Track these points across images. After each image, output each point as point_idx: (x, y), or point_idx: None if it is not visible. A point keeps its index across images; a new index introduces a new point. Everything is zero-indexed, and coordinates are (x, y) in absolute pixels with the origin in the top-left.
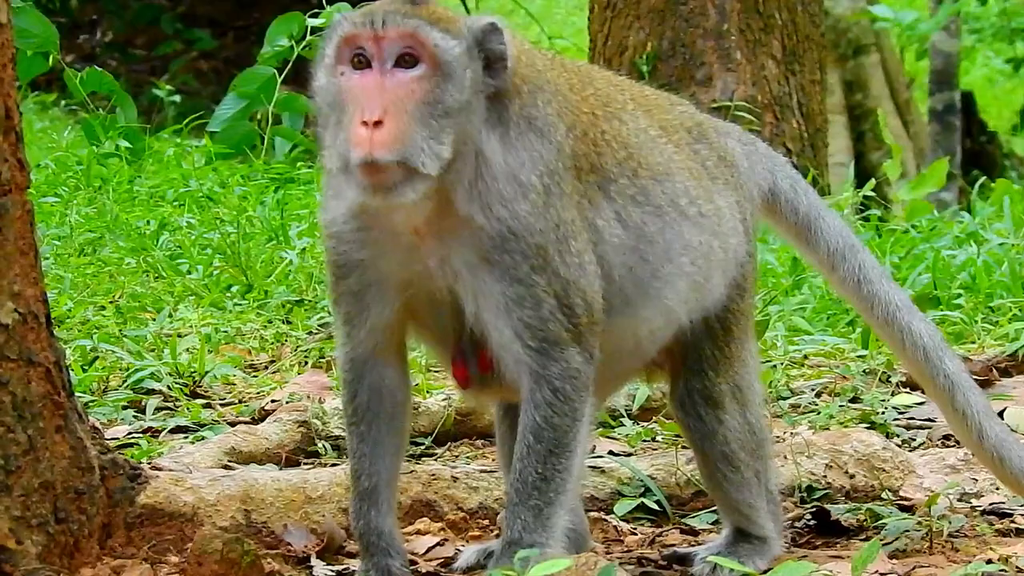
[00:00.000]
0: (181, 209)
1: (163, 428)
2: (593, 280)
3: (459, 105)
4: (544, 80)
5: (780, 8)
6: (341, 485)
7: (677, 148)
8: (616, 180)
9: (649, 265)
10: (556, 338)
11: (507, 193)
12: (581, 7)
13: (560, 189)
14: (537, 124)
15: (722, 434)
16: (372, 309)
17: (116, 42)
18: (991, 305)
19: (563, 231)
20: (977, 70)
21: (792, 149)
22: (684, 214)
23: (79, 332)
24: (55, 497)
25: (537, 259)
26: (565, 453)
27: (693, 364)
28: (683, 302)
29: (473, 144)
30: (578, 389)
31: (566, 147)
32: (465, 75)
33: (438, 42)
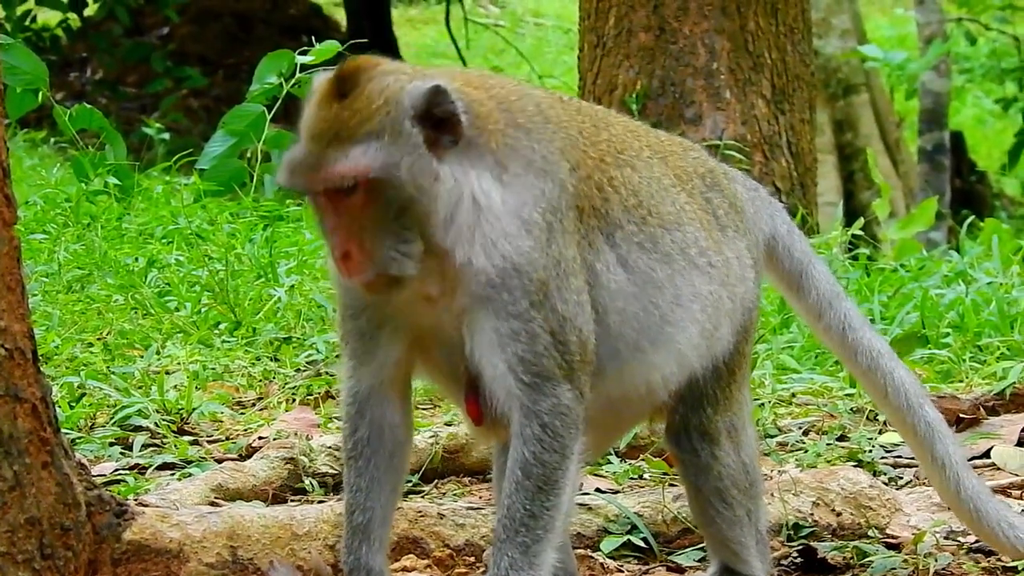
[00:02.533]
0: (170, 246)
1: (150, 465)
2: (589, 320)
3: (411, 194)
4: (546, 121)
5: (770, 47)
6: (328, 522)
7: (690, 197)
8: (622, 227)
9: (658, 310)
10: (549, 374)
11: (510, 230)
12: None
13: (562, 226)
14: (537, 164)
15: (716, 470)
16: (380, 347)
17: (106, 80)
18: (979, 344)
19: (564, 268)
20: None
21: (781, 188)
22: (694, 263)
23: (67, 369)
24: (41, 533)
25: (538, 294)
26: (554, 490)
27: (692, 401)
28: (694, 348)
29: (464, 196)
30: (567, 426)
31: (569, 186)
32: (398, 166)
33: (358, 164)
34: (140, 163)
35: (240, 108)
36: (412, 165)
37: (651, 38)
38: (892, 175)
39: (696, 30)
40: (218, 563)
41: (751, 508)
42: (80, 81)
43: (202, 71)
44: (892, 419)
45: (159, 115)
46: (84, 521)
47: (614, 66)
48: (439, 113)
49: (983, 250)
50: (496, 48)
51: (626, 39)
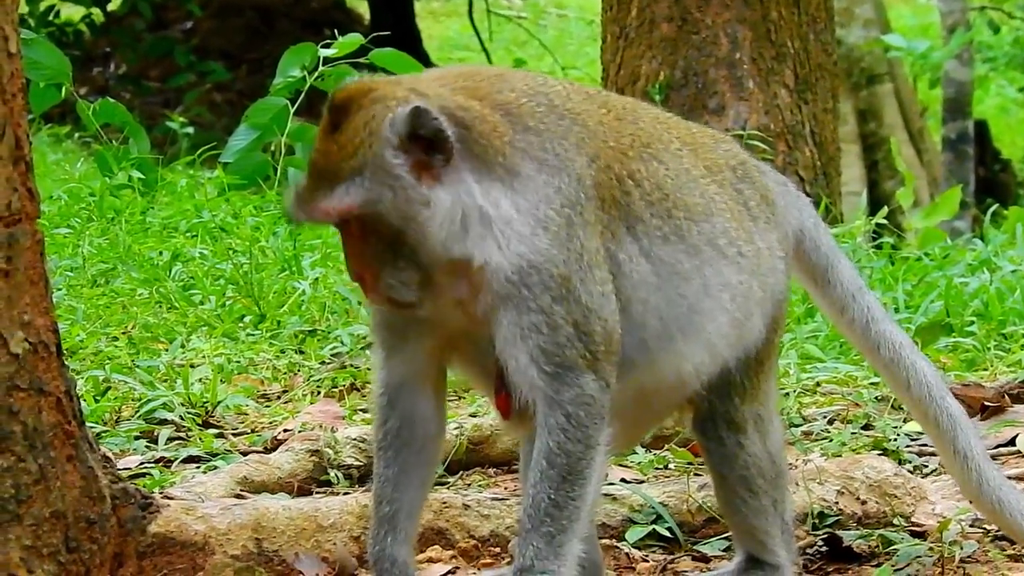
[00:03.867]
0: (194, 240)
1: (175, 458)
2: (615, 310)
3: (399, 226)
4: (560, 117)
5: (792, 37)
6: (352, 513)
7: (721, 188)
8: (644, 220)
9: (686, 301)
10: (571, 364)
11: (524, 231)
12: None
13: (583, 218)
14: (550, 162)
15: (742, 459)
16: (411, 338)
17: (130, 74)
18: (1004, 332)
19: (587, 260)
20: (991, 99)
21: (805, 178)
22: (723, 254)
23: (91, 363)
24: (66, 526)
25: (560, 289)
26: (579, 480)
27: (721, 390)
28: (724, 337)
29: (471, 210)
30: (592, 416)
31: (587, 178)
32: (385, 197)
33: (342, 202)
34: (164, 157)
35: (263, 102)
36: (395, 198)
37: (673, 29)
38: (916, 164)
39: (718, 20)
40: (243, 555)
41: (777, 498)
42: (103, 76)
43: (225, 65)
44: (914, 411)
45: (182, 109)
46: (109, 514)
47: (637, 57)
48: (426, 134)
49: (1007, 238)
50: (519, 40)
51: (648, 30)
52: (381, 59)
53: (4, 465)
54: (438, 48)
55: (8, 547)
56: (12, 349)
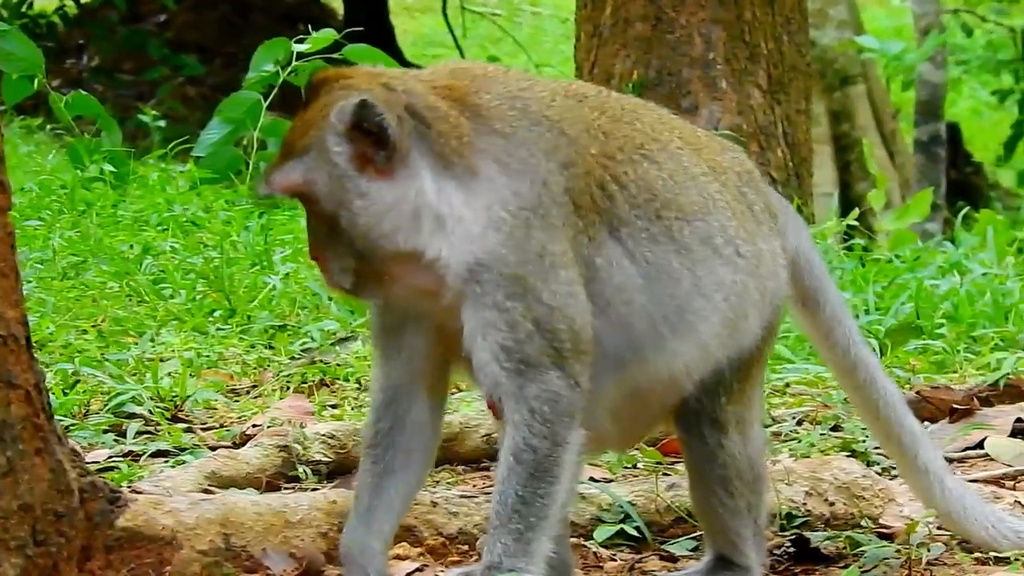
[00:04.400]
0: (165, 234)
1: (144, 452)
2: (583, 310)
3: (334, 210)
4: (533, 124)
5: (766, 38)
6: (321, 510)
7: (723, 187)
8: (628, 223)
9: (675, 300)
10: (534, 361)
11: (475, 230)
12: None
13: (544, 222)
14: (512, 167)
15: (722, 458)
16: (406, 341)
17: (103, 67)
18: (973, 335)
19: (548, 261)
20: (963, 101)
21: (777, 178)
22: (718, 253)
23: (61, 355)
24: (34, 519)
25: (514, 287)
26: (547, 477)
27: (709, 388)
28: (716, 336)
29: (423, 207)
30: (558, 413)
31: (555, 184)
32: (321, 180)
33: (287, 178)
34: (136, 150)
35: (236, 96)
36: (330, 183)
37: (648, 28)
38: (888, 166)
39: (693, 20)
40: (211, 550)
41: (752, 502)
42: (76, 68)
43: (199, 59)
44: (878, 431)
45: (155, 103)
46: (77, 508)
47: (611, 56)
48: (369, 127)
49: (978, 241)
50: (493, 37)
51: (623, 29)
52: (355, 55)
53: None
54: (412, 44)
55: None
56: None
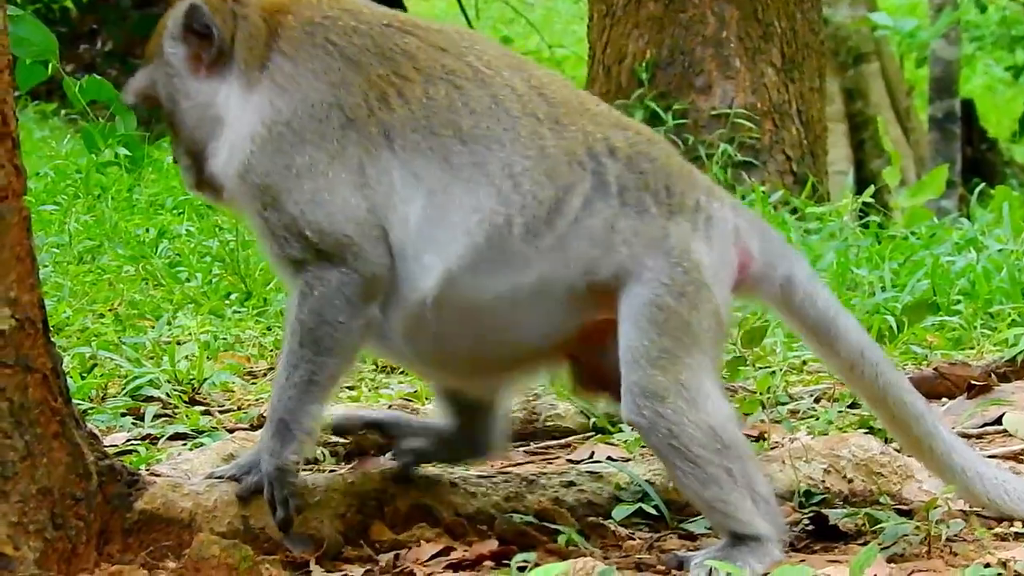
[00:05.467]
0: (180, 217)
1: (162, 435)
2: (340, 214)
3: (170, 110)
4: (316, 45)
5: (779, 16)
6: (338, 491)
7: (558, 138)
8: (403, 135)
9: (433, 214)
10: (297, 260)
11: (239, 143)
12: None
13: (298, 137)
14: (278, 82)
15: (664, 427)
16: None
17: (116, 52)
18: (990, 311)
19: (295, 172)
20: (977, 78)
21: (791, 156)
22: (492, 182)
23: (78, 339)
24: (53, 503)
25: (265, 197)
26: (314, 348)
27: (628, 359)
28: (460, 258)
29: (212, 113)
30: (328, 296)
31: (315, 101)
32: (159, 85)
33: (136, 83)
34: (150, 134)
35: None
36: (167, 83)
37: (660, 7)
38: (903, 144)
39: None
40: (229, 532)
41: (731, 467)
42: (90, 53)
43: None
44: (906, 442)
45: None
46: (95, 491)
47: (623, 35)
48: (198, 28)
49: (994, 217)
50: (506, 18)
51: (635, 8)
52: None
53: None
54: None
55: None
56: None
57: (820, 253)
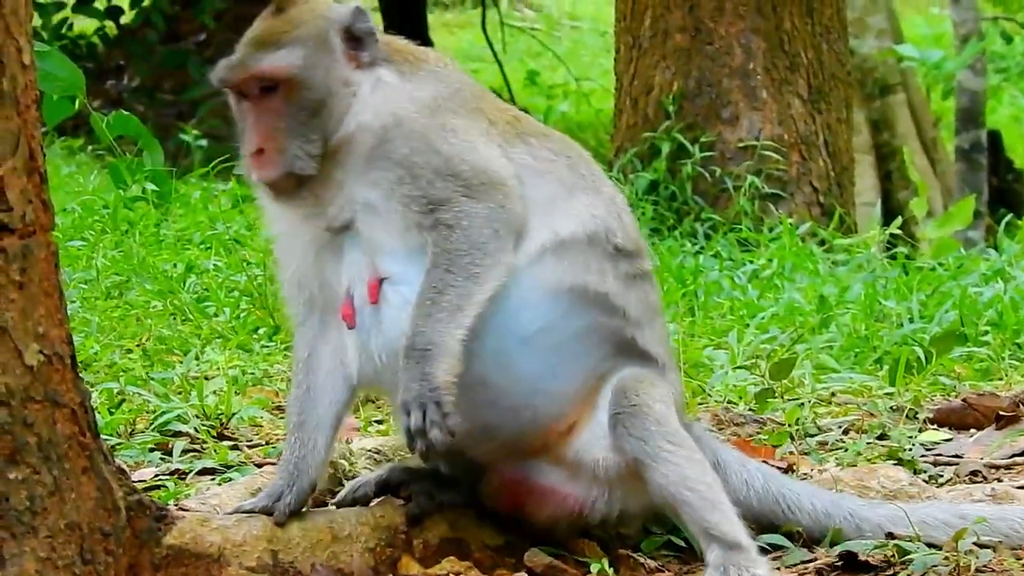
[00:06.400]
0: (208, 252)
1: (190, 470)
2: (486, 155)
3: (323, 97)
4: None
5: (806, 47)
6: (367, 525)
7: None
8: (527, 141)
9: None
10: (442, 200)
11: (400, 99)
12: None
13: (452, 112)
14: (439, 72)
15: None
16: (312, 270)
17: (143, 87)
18: (1018, 341)
19: (449, 129)
20: (1004, 109)
21: (819, 188)
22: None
23: (106, 375)
24: (81, 538)
25: (417, 142)
26: (464, 273)
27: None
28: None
29: (371, 85)
30: (477, 226)
31: (469, 95)
32: (317, 69)
33: (282, 66)
34: (178, 169)
35: None
36: (329, 69)
37: (687, 39)
38: (929, 174)
39: (732, 30)
40: (259, 567)
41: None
42: (117, 88)
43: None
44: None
45: (196, 121)
46: (124, 526)
47: (650, 67)
48: (358, 31)
49: (1021, 248)
50: (532, 51)
51: (662, 40)
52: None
53: (19, 477)
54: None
55: (24, 559)
56: (27, 361)
57: (848, 284)
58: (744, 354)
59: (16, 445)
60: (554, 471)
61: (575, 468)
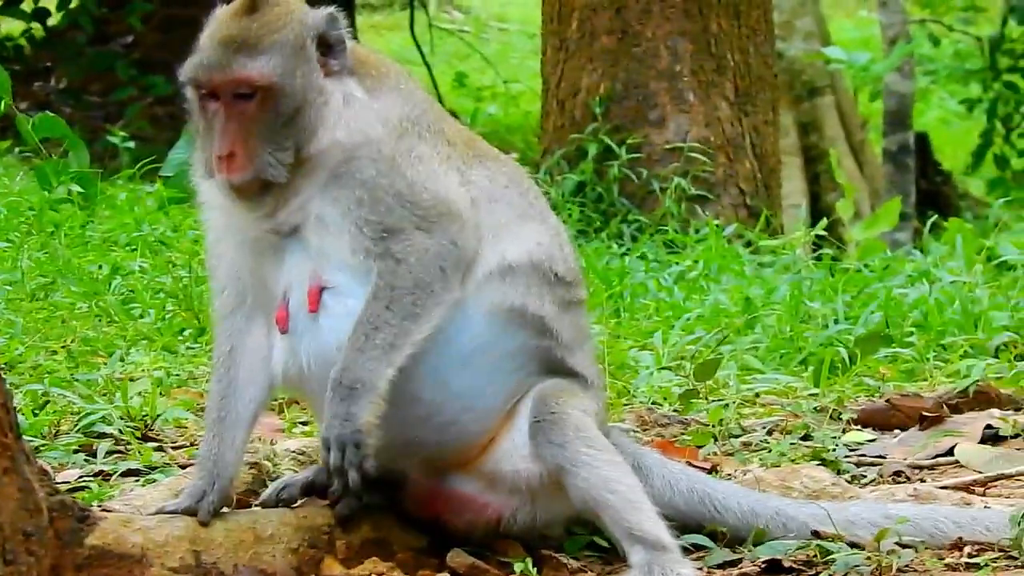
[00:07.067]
0: (134, 253)
1: (114, 471)
2: (447, 185)
3: (299, 105)
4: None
5: (732, 49)
6: (291, 525)
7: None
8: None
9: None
10: (397, 228)
11: (369, 118)
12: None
13: (418, 135)
14: (403, 90)
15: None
16: (240, 267)
17: (71, 88)
18: (942, 343)
19: (414, 155)
20: (932, 111)
21: (745, 190)
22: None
23: (30, 376)
24: (4, 539)
25: (383, 164)
26: (403, 312)
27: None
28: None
29: (339, 99)
30: (424, 263)
31: (433, 118)
32: (295, 78)
33: (265, 73)
34: (104, 171)
35: None
36: (305, 77)
37: (614, 41)
38: (857, 177)
39: (659, 33)
40: (181, 567)
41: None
42: (44, 90)
43: (167, 79)
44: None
45: (124, 123)
46: (47, 526)
47: (577, 69)
48: (331, 38)
49: (947, 250)
50: (461, 54)
51: (589, 42)
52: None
53: None
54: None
55: None
56: None
57: (773, 286)
58: (669, 355)
59: None
60: (471, 481)
61: (492, 479)
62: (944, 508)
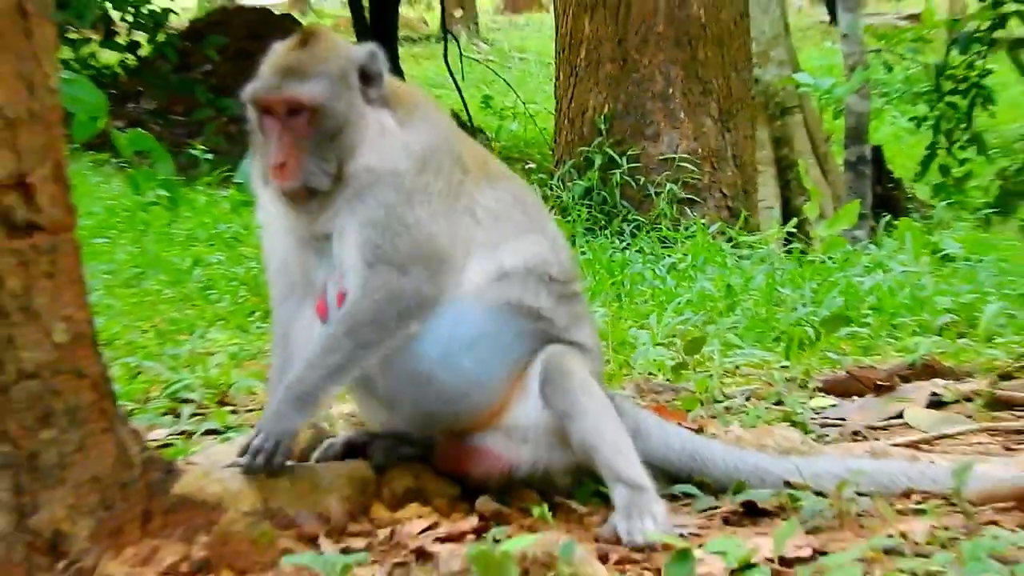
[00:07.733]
0: (212, 248)
1: (196, 431)
2: (443, 232)
3: (339, 124)
4: (439, 115)
5: (717, 75)
6: (343, 476)
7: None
8: (494, 185)
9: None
10: (387, 258)
11: (397, 148)
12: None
13: (438, 168)
14: (431, 120)
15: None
16: (291, 260)
17: (158, 109)
18: (894, 323)
19: (429, 191)
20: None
21: (727, 194)
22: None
23: (125, 351)
24: (102, 489)
25: (402, 194)
26: (360, 341)
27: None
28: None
29: (376, 127)
30: (391, 300)
31: (456, 151)
32: (339, 101)
33: (310, 94)
34: (187, 179)
35: None
36: (347, 102)
37: (616, 68)
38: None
39: (654, 60)
40: (252, 511)
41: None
42: (136, 111)
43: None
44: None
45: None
46: (138, 478)
47: (585, 92)
48: (371, 71)
49: (898, 244)
50: (487, 79)
51: (595, 69)
52: None
53: (49, 437)
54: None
55: (54, 506)
56: (55, 339)
57: (751, 275)
58: (662, 333)
59: (46, 411)
60: (489, 437)
61: (509, 432)
62: (896, 463)
